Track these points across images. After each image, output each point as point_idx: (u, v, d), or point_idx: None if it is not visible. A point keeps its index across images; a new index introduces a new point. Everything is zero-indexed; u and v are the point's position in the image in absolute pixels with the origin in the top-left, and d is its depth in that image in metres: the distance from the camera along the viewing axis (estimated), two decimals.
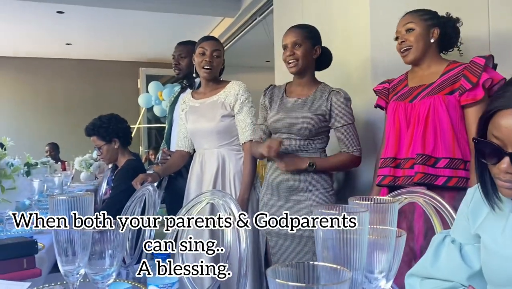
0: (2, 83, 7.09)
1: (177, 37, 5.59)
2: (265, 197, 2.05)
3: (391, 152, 1.78)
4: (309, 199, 1.91)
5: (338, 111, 1.93)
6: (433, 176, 1.66)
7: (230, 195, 1.57)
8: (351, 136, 1.96)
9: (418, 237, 1.67)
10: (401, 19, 1.86)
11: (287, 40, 1.99)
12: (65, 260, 0.80)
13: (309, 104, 1.96)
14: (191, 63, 2.58)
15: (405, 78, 1.91)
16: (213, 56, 2.21)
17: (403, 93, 1.84)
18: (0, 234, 1.84)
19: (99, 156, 2.83)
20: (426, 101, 1.71)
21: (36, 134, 6.77)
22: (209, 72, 2.22)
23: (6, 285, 1.23)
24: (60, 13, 5.02)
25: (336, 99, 1.93)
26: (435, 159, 1.67)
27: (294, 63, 1.96)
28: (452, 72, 1.74)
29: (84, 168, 4.85)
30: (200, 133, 2.27)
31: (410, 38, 1.79)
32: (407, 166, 1.72)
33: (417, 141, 1.70)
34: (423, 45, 1.79)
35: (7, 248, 1.36)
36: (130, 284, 1.15)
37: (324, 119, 1.94)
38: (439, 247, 1.06)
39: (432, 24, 1.80)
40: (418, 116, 1.72)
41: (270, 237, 2.02)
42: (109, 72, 7.50)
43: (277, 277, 0.51)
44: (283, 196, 1.96)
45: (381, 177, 1.80)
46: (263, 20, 4.46)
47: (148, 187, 2.06)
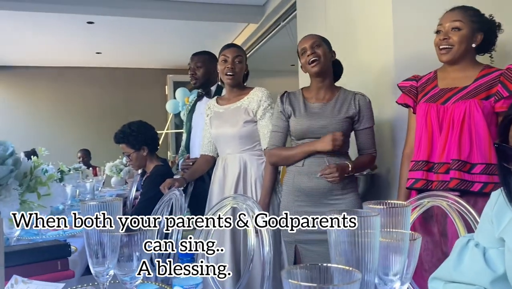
0: (38, 92, 7.36)
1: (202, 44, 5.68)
2: (292, 204, 2.01)
3: (424, 155, 1.75)
4: (344, 202, 1.93)
5: (365, 113, 1.98)
6: (469, 182, 1.64)
7: (252, 199, 1.60)
8: (373, 138, 2.03)
9: (452, 241, 1.64)
10: (449, 13, 1.78)
11: (305, 43, 2.00)
12: (95, 261, 0.85)
13: (338, 107, 1.97)
14: (206, 72, 2.74)
15: (434, 78, 1.85)
16: (235, 62, 2.25)
17: (433, 94, 1.80)
18: (35, 237, 1.93)
19: (129, 162, 2.90)
20: (460, 105, 1.69)
21: (69, 140, 6.98)
22: (232, 78, 2.26)
23: (42, 286, 1.29)
24: (90, 24, 5.19)
25: (363, 101, 1.98)
26: (471, 165, 1.65)
27: (317, 62, 1.95)
28: (487, 77, 1.71)
29: (114, 173, 4.97)
30: (223, 139, 2.31)
31: (454, 37, 1.73)
32: (442, 171, 1.70)
33: (452, 146, 1.68)
34: (464, 48, 1.74)
35: (43, 250, 1.44)
36: (156, 285, 1.20)
37: (352, 122, 1.98)
38: (463, 251, 1.06)
39: (478, 28, 1.74)
40: (453, 120, 1.69)
41: (300, 245, 1.99)
42: (138, 79, 7.68)
43: (291, 278, 0.54)
44: (317, 201, 1.95)
45: (413, 180, 1.77)
46: (287, 25, 4.49)
47: (175, 191, 2.11)
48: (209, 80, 2.81)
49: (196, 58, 2.81)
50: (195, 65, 2.80)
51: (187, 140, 2.92)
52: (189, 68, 2.83)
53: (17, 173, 0.79)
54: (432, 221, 1.74)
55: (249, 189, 2.21)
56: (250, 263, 1.49)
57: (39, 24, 5.16)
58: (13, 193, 0.76)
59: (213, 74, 2.82)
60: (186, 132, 2.95)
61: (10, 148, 0.78)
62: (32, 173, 0.83)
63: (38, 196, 0.82)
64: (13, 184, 0.78)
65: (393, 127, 2.28)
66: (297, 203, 2.00)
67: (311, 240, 1.95)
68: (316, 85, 2.04)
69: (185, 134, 2.99)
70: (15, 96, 7.29)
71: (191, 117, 2.91)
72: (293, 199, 2.01)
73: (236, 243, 2.15)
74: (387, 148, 2.25)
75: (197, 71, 2.79)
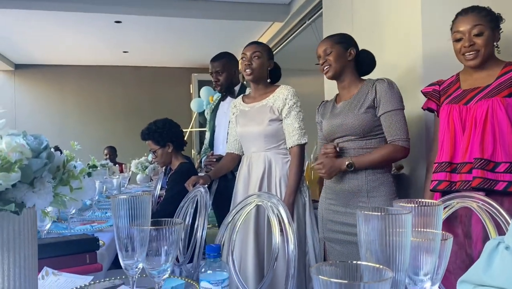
0: (67, 90, 7.54)
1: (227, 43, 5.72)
2: (324, 202, 2.07)
3: (446, 156, 1.73)
4: (371, 205, 1.89)
5: (382, 96, 1.87)
6: (492, 180, 1.60)
7: (277, 197, 1.60)
8: (396, 123, 1.86)
9: (477, 243, 1.62)
10: (464, 18, 1.75)
11: (319, 51, 2.03)
12: (125, 255, 0.86)
13: (356, 101, 1.95)
14: (228, 75, 2.79)
15: (456, 80, 1.84)
16: (253, 58, 2.26)
17: (456, 95, 1.78)
18: (64, 231, 1.98)
19: (154, 159, 2.95)
20: (483, 103, 1.66)
21: (96, 137, 7.12)
22: (250, 74, 2.27)
23: (71, 278, 1.33)
24: (117, 23, 5.28)
25: (380, 85, 1.90)
26: (494, 163, 1.61)
27: (328, 68, 1.99)
28: (510, 74, 1.68)
29: (140, 170, 5.05)
30: (249, 137, 2.31)
31: (478, 41, 1.71)
32: (465, 171, 1.67)
33: (474, 145, 1.65)
34: (490, 50, 1.73)
35: (72, 244, 1.47)
36: (183, 280, 1.21)
37: (375, 112, 1.90)
38: (492, 254, 1.03)
39: (494, 26, 1.73)
40: (475, 119, 1.66)
41: (328, 243, 2.04)
42: (163, 78, 7.78)
43: (320, 274, 0.54)
44: (345, 201, 1.96)
45: (436, 182, 1.75)
46: (312, 23, 4.47)
47: (200, 188, 2.13)
48: (232, 83, 2.85)
49: (215, 64, 2.83)
50: (216, 72, 2.82)
51: (210, 139, 2.96)
52: (211, 74, 2.86)
53: (50, 166, 0.81)
54: (456, 222, 1.70)
55: (274, 188, 2.21)
56: (274, 261, 1.49)
57: (68, 23, 5.28)
58: (47, 185, 0.78)
59: (235, 75, 2.88)
60: (210, 131, 2.98)
61: (45, 142, 0.80)
62: (65, 166, 0.85)
63: (71, 189, 0.84)
64: (47, 176, 0.80)
65: (421, 129, 2.24)
66: (328, 201, 2.04)
67: (337, 239, 1.98)
68: (339, 86, 2.08)
69: (208, 133, 3.02)
70: (44, 94, 7.49)
71: (214, 116, 2.94)
72: (325, 196, 2.06)
73: (260, 241, 2.15)
74: (415, 149, 2.21)
75: (219, 77, 2.81)
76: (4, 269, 0.78)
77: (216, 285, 0.96)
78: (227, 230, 1.62)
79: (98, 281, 1.26)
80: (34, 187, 0.78)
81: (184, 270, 1.97)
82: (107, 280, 1.26)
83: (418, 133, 2.25)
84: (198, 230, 1.91)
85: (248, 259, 2.13)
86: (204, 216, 1.94)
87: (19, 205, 0.75)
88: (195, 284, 1.17)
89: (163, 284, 0.92)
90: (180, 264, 2.00)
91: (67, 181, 0.84)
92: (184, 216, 2.19)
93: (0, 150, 0.73)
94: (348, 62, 2.00)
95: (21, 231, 0.80)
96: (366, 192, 1.90)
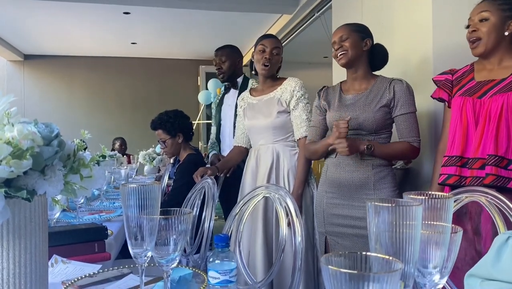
0: (75, 81, 7.58)
1: (235, 34, 5.72)
2: (324, 196, 1.99)
3: (458, 150, 1.70)
4: (377, 197, 1.86)
5: (400, 98, 1.88)
6: (505, 178, 1.58)
7: (285, 189, 1.60)
8: (411, 125, 1.90)
9: (486, 240, 1.60)
10: (477, 6, 1.73)
11: (334, 37, 1.99)
12: (134, 243, 0.87)
13: (372, 97, 1.91)
14: (231, 64, 2.84)
15: (471, 70, 1.79)
16: (273, 54, 2.25)
17: (469, 87, 1.74)
18: (73, 220, 2.00)
19: (163, 149, 2.96)
20: (498, 98, 1.62)
21: (103, 128, 7.15)
22: (267, 69, 2.25)
23: (80, 266, 1.34)
24: (126, 14, 5.28)
25: (399, 86, 1.89)
26: (508, 161, 1.58)
27: (343, 54, 1.93)
28: None
29: (147, 162, 5.08)
30: (257, 130, 2.31)
31: (482, 28, 1.67)
32: (476, 166, 1.64)
33: (488, 141, 1.61)
34: (494, 38, 1.67)
35: (81, 232, 1.49)
36: (191, 269, 1.22)
37: (389, 110, 1.90)
38: (502, 248, 1.03)
39: (510, 15, 1.66)
40: (489, 114, 1.63)
41: (330, 236, 1.99)
42: (171, 70, 7.79)
43: (330, 264, 0.53)
44: (349, 194, 1.91)
45: (445, 176, 1.72)
46: (321, 16, 4.44)
47: (208, 180, 2.13)
48: (234, 73, 2.89)
49: (219, 53, 2.89)
50: (219, 60, 2.88)
51: (217, 132, 2.97)
52: (214, 64, 2.91)
53: (61, 154, 0.82)
54: (466, 218, 1.69)
55: (282, 180, 2.21)
56: (281, 253, 1.49)
57: (77, 14, 5.29)
58: (58, 173, 0.79)
59: (238, 66, 2.92)
60: (216, 124, 3.00)
61: (56, 130, 0.80)
62: (75, 155, 0.85)
63: (81, 178, 0.84)
64: (58, 164, 0.80)
65: (431, 121, 2.22)
66: (329, 194, 1.98)
67: (340, 232, 1.94)
68: (350, 76, 2.02)
69: (214, 127, 3.04)
70: (52, 85, 7.53)
71: (220, 110, 2.97)
72: (325, 190, 2.00)
73: (268, 233, 2.16)
74: (424, 143, 2.19)
75: (222, 65, 2.87)
76: (16, 255, 0.79)
77: (224, 274, 0.97)
78: (235, 221, 1.63)
79: (107, 270, 1.27)
80: (45, 174, 0.78)
81: (191, 261, 1.98)
82: (115, 269, 1.27)
83: (427, 128, 2.24)
84: (206, 221, 1.92)
85: (257, 250, 2.13)
86: (212, 207, 1.95)
87: (30, 192, 0.75)
88: (202, 274, 1.18)
89: (171, 273, 0.93)
90: (187, 254, 2.01)
91: (77, 169, 0.84)
92: (192, 207, 2.20)
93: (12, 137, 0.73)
94: (363, 52, 1.96)
95: (32, 218, 0.81)
96: (373, 183, 1.87)
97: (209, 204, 1.97)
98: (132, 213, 0.86)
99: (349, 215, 1.91)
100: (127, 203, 0.86)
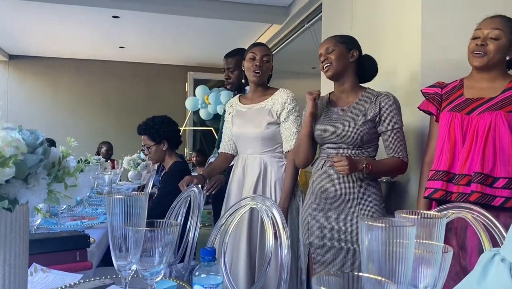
0: (60, 83, 7.46)
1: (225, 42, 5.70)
2: (310, 207, 1.98)
3: (445, 165, 1.71)
4: (361, 210, 1.86)
5: (387, 113, 1.87)
6: (490, 196, 1.60)
7: (271, 200, 1.58)
8: (399, 141, 1.89)
9: (471, 255, 1.61)
10: (489, 20, 1.72)
11: (321, 49, 1.98)
12: (118, 255, 0.84)
13: (357, 111, 1.90)
14: (240, 74, 2.63)
15: (460, 86, 1.81)
16: (263, 61, 2.24)
17: (458, 103, 1.76)
18: (54, 226, 1.95)
19: (147, 154, 2.92)
20: (486, 116, 1.64)
21: (89, 132, 7.06)
22: (258, 77, 2.24)
23: (60, 276, 1.30)
24: (115, 18, 5.24)
25: (386, 102, 1.88)
26: (493, 178, 1.61)
27: (328, 67, 1.93)
28: None
29: (132, 167, 5.02)
30: (245, 138, 2.30)
31: (491, 45, 1.68)
32: (463, 183, 1.65)
33: (475, 158, 1.63)
34: (499, 58, 1.70)
35: (62, 240, 1.45)
36: (175, 282, 1.19)
37: (374, 125, 1.89)
38: (488, 266, 1.03)
39: None
40: (477, 131, 1.65)
41: (314, 249, 1.96)
42: (159, 75, 7.73)
43: (322, 285, 0.52)
44: (333, 206, 1.90)
45: (432, 190, 1.73)
46: (311, 27, 4.46)
47: (194, 188, 2.10)
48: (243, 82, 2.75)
49: (228, 61, 2.73)
50: (228, 69, 2.74)
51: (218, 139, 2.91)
52: (223, 71, 2.78)
53: (46, 162, 0.79)
54: (451, 234, 1.70)
55: (268, 191, 2.19)
56: (267, 265, 1.47)
57: (65, 16, 5.23)
58: (41, 182, 0.76)
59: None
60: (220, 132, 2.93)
61: (41, 137, 0.78)
62: (60, 163, 0.83)
63: (65, 187, 0.82)
64: (42, 173, 0.78)
65: (418, 135, 2.24)
66: (315, 206, 1.96)
67: (323, 245, 1.93)
68: (338, 89, 2.01)
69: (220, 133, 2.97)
70: (38, 86, 7.41)
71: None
72: (311, 202, 1.98)
73: (252, 244, 2.14)
74: (411, 156, 2.21)
75: (231, 75, 2.73)
76: None
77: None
78: (220, 232, 1.60)
79: (88, 280, 1.24)
80: (28, 183, 0.76)
81: (174, 270, 1.95)
82: (97, 279, 1.24)
83: (413, 140, 2.25)
84: (191, 231, 1.89)
85: (239, 262, 2.11)
86: (197, 216, 1.92)
87: (12, 201, 0.72)
88: (187, 287, 1.15)
89: (155, 286, 0.90)
90: (171, 264, 1.98)
91: (62, 178, 0.82)
92: (176, 215, 2.17)
93: None
94: (350, 63, 1.94)
95: (13, 228, 0.78)
96: (357, 197, 1.86)
97: (195, 213, 1.94)
98: (117, 223, 0.84)
99: (332, 228, 1.90)
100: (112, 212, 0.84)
